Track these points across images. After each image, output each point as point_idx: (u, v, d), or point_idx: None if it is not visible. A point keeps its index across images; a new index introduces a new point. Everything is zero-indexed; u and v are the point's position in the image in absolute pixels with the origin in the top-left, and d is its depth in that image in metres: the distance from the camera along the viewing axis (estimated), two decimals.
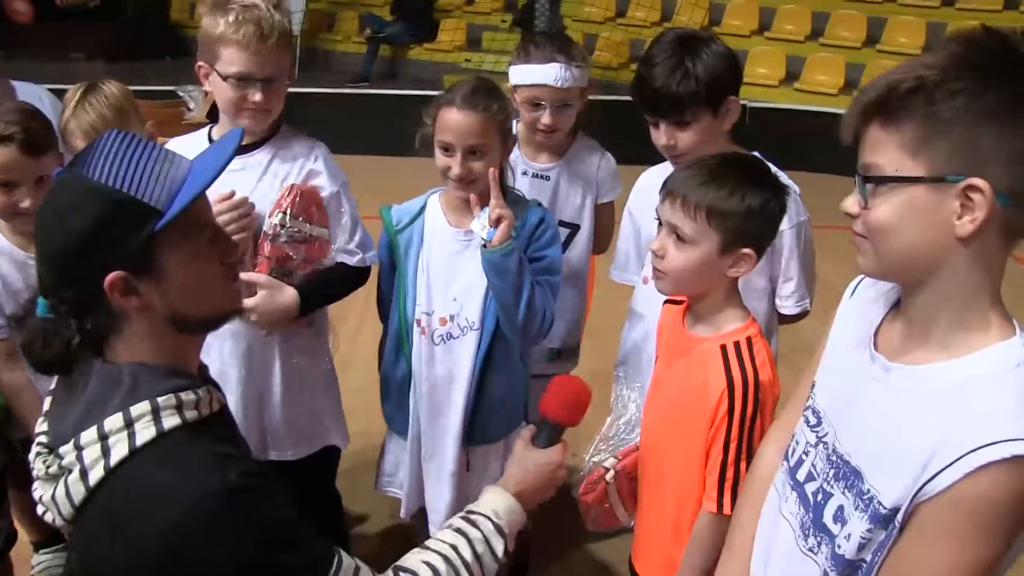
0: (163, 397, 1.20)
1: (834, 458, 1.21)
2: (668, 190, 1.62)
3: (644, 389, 1.88)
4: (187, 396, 1.22)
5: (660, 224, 1.64)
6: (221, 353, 2.13)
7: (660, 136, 2.02)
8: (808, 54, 9.10)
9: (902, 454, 1.07)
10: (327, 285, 2.15)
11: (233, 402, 2.11)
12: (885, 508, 1.10)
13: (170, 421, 1.20)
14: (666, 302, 1.85)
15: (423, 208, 2.17)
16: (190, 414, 1.22)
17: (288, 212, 2.03)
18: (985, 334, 1.08)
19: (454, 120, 1.98)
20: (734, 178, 1.59)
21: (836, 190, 1.44)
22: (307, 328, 2.20)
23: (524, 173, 2.49)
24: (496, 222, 1.94)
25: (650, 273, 2.01)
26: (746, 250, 1.59)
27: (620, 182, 2.63)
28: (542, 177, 2.51)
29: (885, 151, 1.06)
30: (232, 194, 2.00)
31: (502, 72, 2.55)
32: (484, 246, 1.97)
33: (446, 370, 2.15)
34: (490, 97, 2.01)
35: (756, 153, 1.92)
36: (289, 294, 2.06)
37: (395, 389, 2.25)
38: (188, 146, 1.97)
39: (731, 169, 1.62)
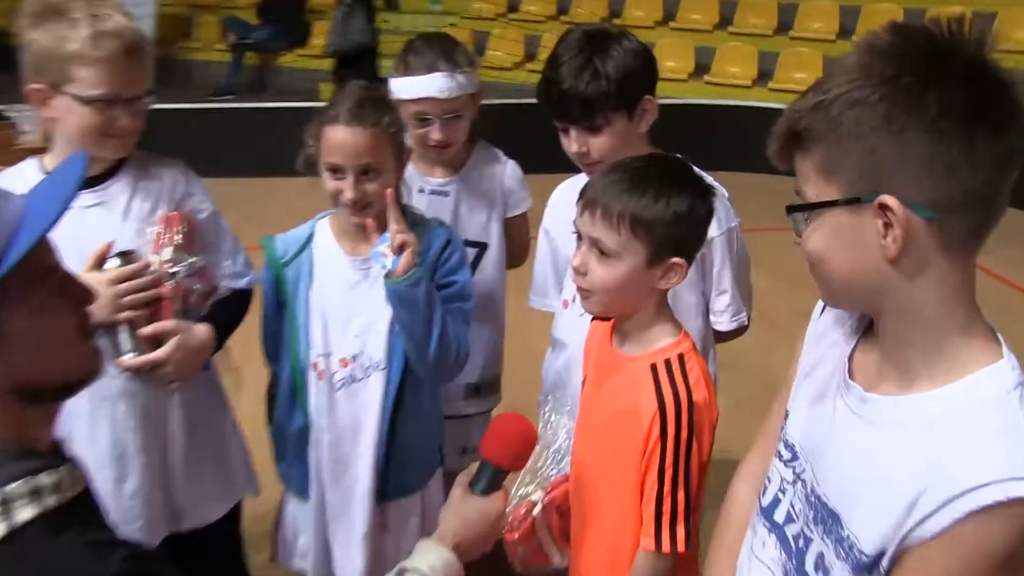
0: (13, 485, 1.10)
1: (812, 499, 1.21)
2: (586, 200, 1.63)
3: (574, 414, 1.89)
4: (45, 479, 1.12)
5: (579, 238, 1.65)
6: (113, 421, 2.01)
7: (571, 143, 2.02)
8: (717, 44, 9.40)
9: (884, 495, 1.08)
10: (227, 314, 2.11)
11: (134, 477, 2.02)
12: (867, 556, 1.10)
13: (25, 512, 1.09)
14: (593, 319, 1.87)
15: (311, 236, 2.14)
16: (51, 500, 1.12)
17: (176, 245, 1.97)
18: (968, 359, 1.09)
19: (341, 138, 1.96)
20: (656, 182, 1.61)
21: (757, 189, 1.44)
22: (203, 371, 2.13)
23: (420, 191, 2.47)
24: (399, 249, 1.94)
25: (571, 295, 2.08)
26: (675, 259, 1.62)
27: (529, 191, 2.63)
28: (440, 194, 2.50)
29: (807, 178, 1.11)
30: (108, 248, 1.91)
31: (384, 78, 2.54)
32: (387, 276, 1.95)
33: (350, 418, 2.11)
34: (379, 109, 2.00)
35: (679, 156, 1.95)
36: (201, 333, 2.01)
37: (291, 444, 2.19)
38: (15, 180, 1.87)
39: (652, 173, 1.64)
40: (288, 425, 2.18)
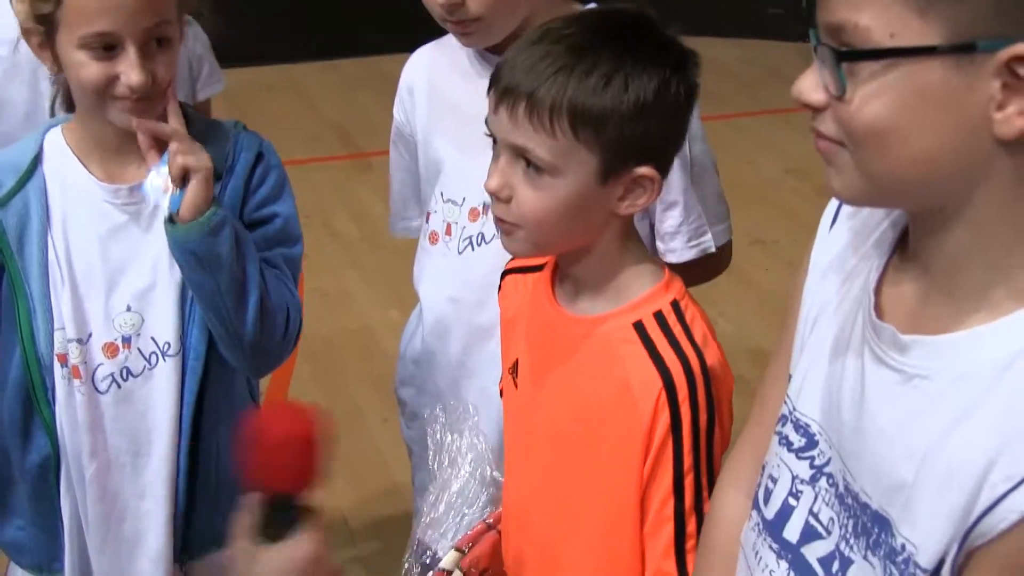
0: None
1: (849, 500, 1.07)
2: (502, 88, 1.35)
3: (481, 426, 1.64)
4: None
5: (494, 143, 1.38)
6: None
7: None
8: None
9: (943, 476, 0.95)
10: None
11: None
12: (924, 570, 0.96)
13: None
14: (508, 272, 1.58)
15: (38, 158, 1.70)
16: None
17: None
18: None
19: None
20: (608, 53, 1.34)
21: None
22: None
23: None
24: (181, 178, 1.57)
25: (441, 226, 1.81)
26: (641, 169, 1.36)
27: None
28: None
29: (871, 4, 0.93)
30: None
31: None
32: (170, 220, 1.59)
33: (127, 436, 1.72)
34: None
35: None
36: None
37: (26, 487, 1.75)
38: None
39: (598, 38, 1.37)
40: (18, 458, 1.73)
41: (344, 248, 4.44)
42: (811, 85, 0.96)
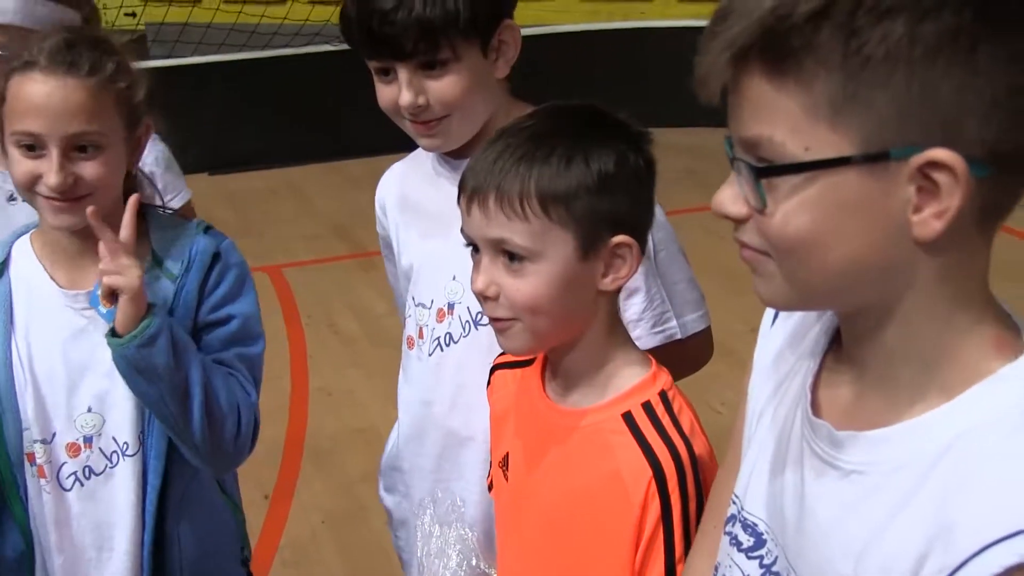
0: None
1: None
2: (471, 189, 1.36)
3: (471, 519, 1.63)
4: None
5: (474, 251, 1.38)
6: None
7: (402, 91, 1.66)
8: None
9: (880, 570, 0.92)
10: None
11: None
12: None
13: None
14: (497, 368, 1.55)
15: (5, 263, 1.74)
16: None
17: None
18: (980, 361, 0.93)
19: (40, 93, 1.58)
20: (565, 138, 1.36)
21: (671, 148, 1.32)
22: None
23: (11, 198, 2.03)
24: (110, 296, 1.57)
25: (415, 331, 1.77)
26: (618, 238, 1.35)
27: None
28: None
29: (781, 118, 0.90)
30: None
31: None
32: (111, 331, 1.59)
33: (93, 530, 1.70)
34: (97, 52, 1.64)
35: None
36: None
37: None
38: None
39: (555, 127, 1.39)
40: None
41: (347, 347, 4.40)
42: (731, 197, 0.95)
